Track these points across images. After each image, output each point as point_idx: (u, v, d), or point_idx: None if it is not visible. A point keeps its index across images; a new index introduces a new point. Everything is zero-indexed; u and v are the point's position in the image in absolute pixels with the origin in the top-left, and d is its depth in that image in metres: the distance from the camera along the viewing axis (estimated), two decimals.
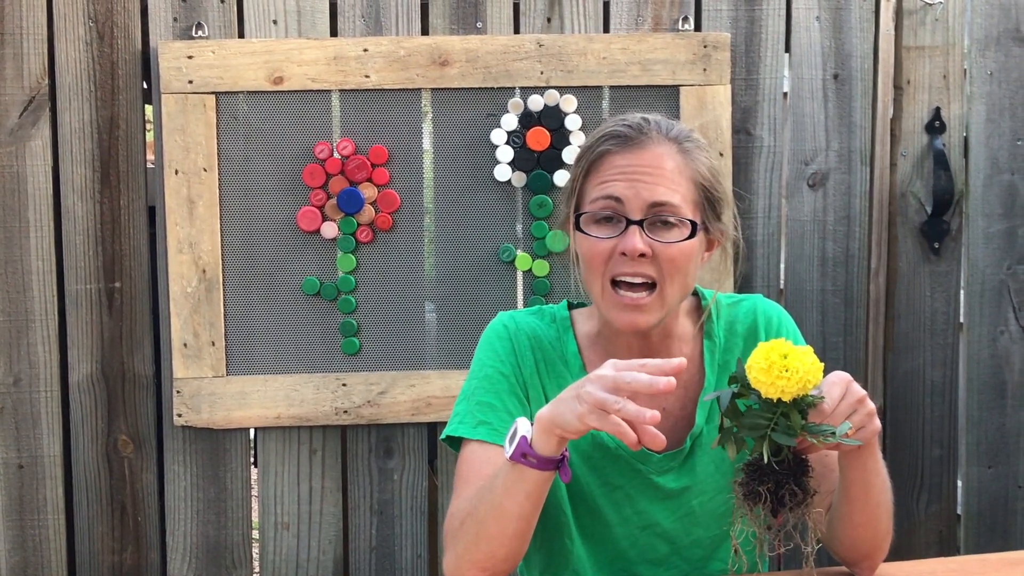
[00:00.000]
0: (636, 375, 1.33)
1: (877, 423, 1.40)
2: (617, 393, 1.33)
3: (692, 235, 1.56)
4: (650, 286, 1.55)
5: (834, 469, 1.54)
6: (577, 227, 1.59)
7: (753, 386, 1.34)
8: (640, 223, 1.54)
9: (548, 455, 1.41)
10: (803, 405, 1.34)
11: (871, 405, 1.39)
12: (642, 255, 1.53)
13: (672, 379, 1.32)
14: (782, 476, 1.35)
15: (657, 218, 1.55)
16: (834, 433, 1.33)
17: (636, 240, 1.53)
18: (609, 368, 1.37)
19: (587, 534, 1.68)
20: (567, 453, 1.44)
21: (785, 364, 1.31)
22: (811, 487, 1.36)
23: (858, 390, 1.39)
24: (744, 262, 2.48)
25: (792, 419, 1.33)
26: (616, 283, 1.56)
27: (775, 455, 1.34)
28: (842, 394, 1.37)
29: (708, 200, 1.60)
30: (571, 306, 1.75)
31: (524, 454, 1.41)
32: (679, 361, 1.35)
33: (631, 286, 1.55)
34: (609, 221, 1.57)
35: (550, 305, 1.75)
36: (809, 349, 1.34)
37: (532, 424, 1.43)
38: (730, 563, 1.47)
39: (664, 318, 1.60)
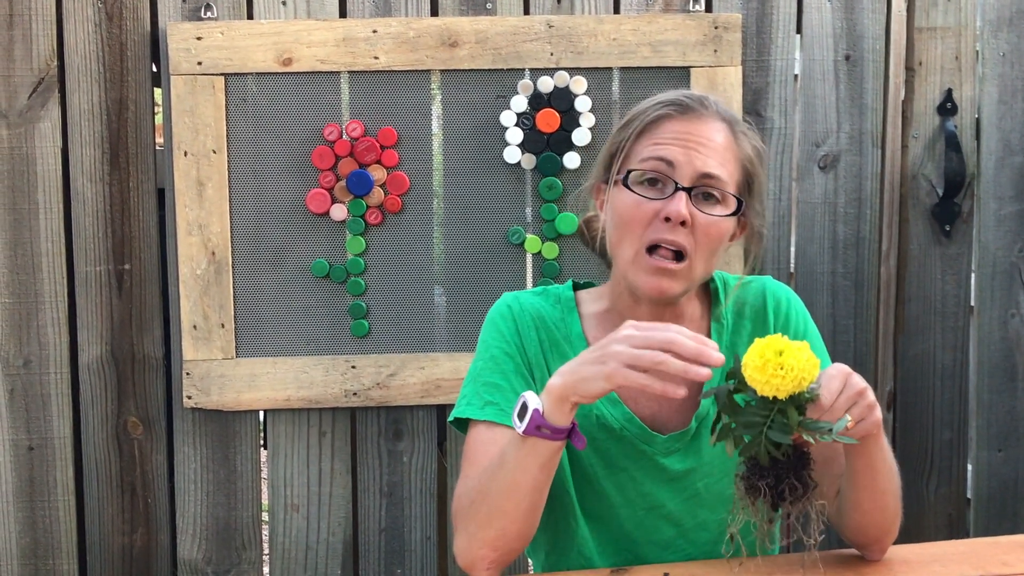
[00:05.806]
0: (679, 339, 1.33)
1: (878, 415, 1.39)
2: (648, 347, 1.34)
3: (736, 212, 1.58)
4: (678, 257, 1.55)
5: (842, 453, 1.54)
6: (625, 184, 1.58)
7: (749, 384, 1.32)
8: (688, 190, 1.55)
9: (561, 425, 1.42)
10: (800, 401, 1.32)
11: (871, 397, 1.37)
12: (683, 223, 1.53)
13: (709, 371, 1.32)
14: (782, 471, 1.33)
15: (703, 189, 1.56)
16: (831, 431, 1.31)
17: (681, 205, 1.53)
18: (630, 329, 1.37)
19: (592, 516, 1.68)
20: (575, 421, 1.44)
21: (780, 362, 1.29)
22: (812, 480, 1.35)
23: (857, 382, 1.37)
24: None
25: (789, 416, 1.31)
26: (650, 250, 1.56)
27: (775, 450, 1.33)
28: (841, 387, 1.35)
29: (748, 184, 1.62)
30: (576, 287, 1.75)
31: (539, 427, 1.42)
32: (720, 358, 1.34)
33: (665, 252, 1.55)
34: (654, 185, 1.57)
35: (555, 285, 1.75)
36: (806, 345, 1.32)
37: (540, 396, 1.44)
38: (723, 549, 1.45)
39: (685, 293, 1.60)
